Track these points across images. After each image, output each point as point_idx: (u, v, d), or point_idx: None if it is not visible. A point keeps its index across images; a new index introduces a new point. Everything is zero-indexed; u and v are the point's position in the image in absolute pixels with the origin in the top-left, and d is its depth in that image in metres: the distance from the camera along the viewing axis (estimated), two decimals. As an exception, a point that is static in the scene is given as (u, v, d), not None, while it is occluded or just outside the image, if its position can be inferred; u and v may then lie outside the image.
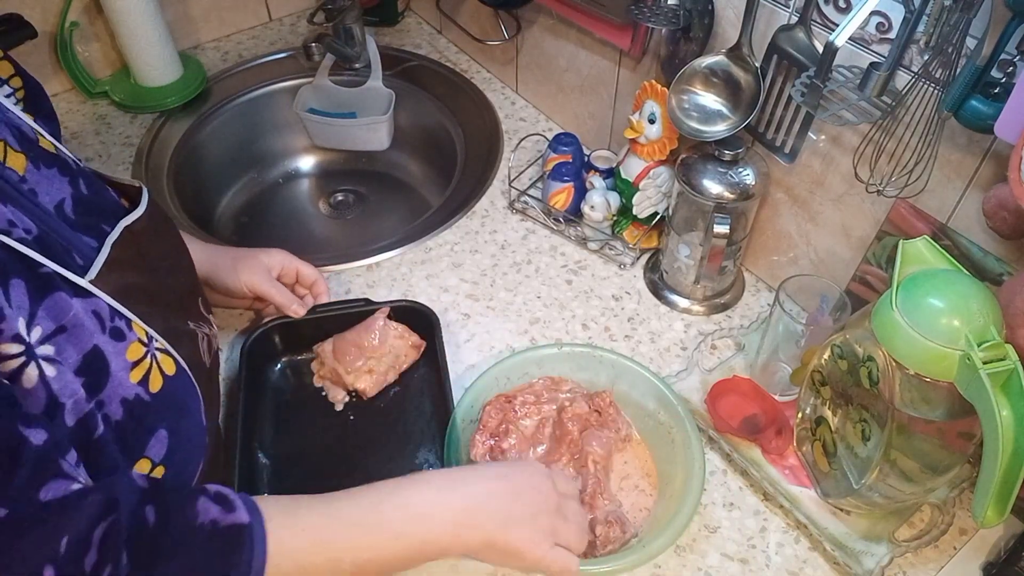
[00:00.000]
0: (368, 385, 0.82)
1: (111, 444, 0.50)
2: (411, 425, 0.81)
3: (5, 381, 0.45)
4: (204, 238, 0.99)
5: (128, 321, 0.53)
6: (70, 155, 0.58)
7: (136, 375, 0.52)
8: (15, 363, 0.45)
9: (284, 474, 0.76)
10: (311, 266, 0.86)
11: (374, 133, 1.21)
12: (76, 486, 0.44)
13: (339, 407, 0.82)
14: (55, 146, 0.57)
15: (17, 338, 0.45)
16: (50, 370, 0.47)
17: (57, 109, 0.68)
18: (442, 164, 1.20)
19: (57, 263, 0.48)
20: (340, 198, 1.26)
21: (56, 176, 0.54)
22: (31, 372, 0.46)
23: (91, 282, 0.51)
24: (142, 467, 0.52)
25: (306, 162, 1.31)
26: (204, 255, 0.80)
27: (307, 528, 0.51)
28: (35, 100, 0.64)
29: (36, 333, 0.46)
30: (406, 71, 1.27)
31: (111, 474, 0.48)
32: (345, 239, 1.21)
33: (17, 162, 0.51)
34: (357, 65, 1.24)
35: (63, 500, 0.43)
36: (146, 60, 1.15)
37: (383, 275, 0.95)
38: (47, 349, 0.47)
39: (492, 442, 0.74)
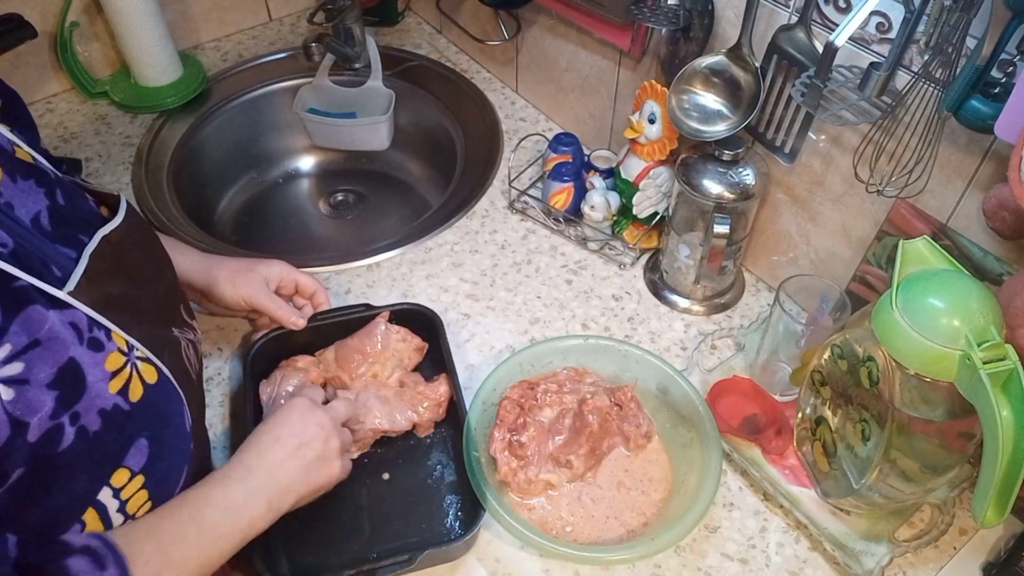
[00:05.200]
0: None
1: (82, 457, 0.50)
2: (421, 427, 0.80)
3: None
4: (204, 238, 1.00)
5: (108, 331, 0.53)
6: (48, 165, 0.58)
7: (115, 385, 0.52)
8: None
9: None
10: (310, 276, 0.85)
11: (374, 133, 1.21)
12: None
13: None
14: (32, 156, 0.57)
15: None
16: (7, 394, 0.45)
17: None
18: (442, 164, 1.20)
19: (34, 276, 0.48)
20: (340, 198, 1.26)
21: (32, 188, 0.54)
22: None
23: (69, 293, 0.50)
24: (121, 477, 0.53)
25: (306, 162, 1.31)
26: (202, 267, 0.79)
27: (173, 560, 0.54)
28: (12, 110, 0.64)
29: (3, 351, 0.45)
30: (406, 71, 1.27)
31: (71, 487, 0.49)
32: (345, 239, 1.21)
33: None
34: (357, 65, 1.24)
35: None
36: (146, 60, 1.15)
37: (383, 275, 0.95)
38: (15, 368, 0.46)
39: (510, 436, 0.74)
